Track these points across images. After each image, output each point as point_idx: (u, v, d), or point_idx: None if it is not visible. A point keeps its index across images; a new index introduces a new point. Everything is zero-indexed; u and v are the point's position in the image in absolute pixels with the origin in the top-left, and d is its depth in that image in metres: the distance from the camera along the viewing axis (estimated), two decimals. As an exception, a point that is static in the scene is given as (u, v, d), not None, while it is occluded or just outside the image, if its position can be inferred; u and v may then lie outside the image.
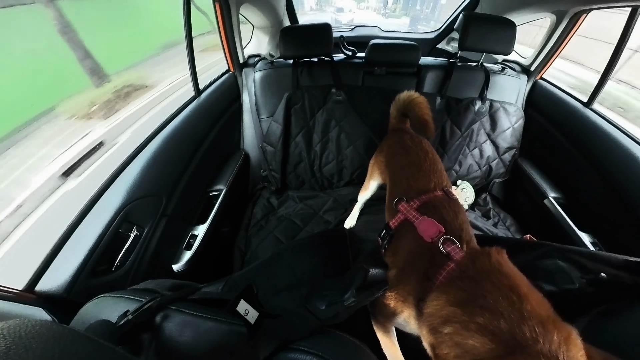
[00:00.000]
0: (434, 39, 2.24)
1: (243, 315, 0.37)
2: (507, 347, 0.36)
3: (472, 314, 0.40)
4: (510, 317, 0.38)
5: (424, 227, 0.58)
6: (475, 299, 0.42)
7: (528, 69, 1.44)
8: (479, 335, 0.38)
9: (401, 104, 1.06)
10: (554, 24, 1.28)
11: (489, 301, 0.41)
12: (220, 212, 1.10)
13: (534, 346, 0.34)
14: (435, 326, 0.44)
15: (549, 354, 0.33)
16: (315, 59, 1.37)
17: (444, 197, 0.67)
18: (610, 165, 1.01)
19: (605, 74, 1.13)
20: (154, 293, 0.45)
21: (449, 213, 0.62)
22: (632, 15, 1.01)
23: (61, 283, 0.59)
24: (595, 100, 1.18)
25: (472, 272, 0.46)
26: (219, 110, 1.29)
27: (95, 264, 0.65)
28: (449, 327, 0.42)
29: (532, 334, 0.35)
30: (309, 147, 1.45)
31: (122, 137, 1.17)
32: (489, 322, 0.38)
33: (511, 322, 0.37)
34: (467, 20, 1.19)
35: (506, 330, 0.37)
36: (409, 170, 0.79)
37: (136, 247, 0.75)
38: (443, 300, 0.45)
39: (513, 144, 1.42)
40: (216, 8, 1.21)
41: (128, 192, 0.75)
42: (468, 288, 0.44)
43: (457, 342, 0.40)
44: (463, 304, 0.43)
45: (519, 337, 0.36)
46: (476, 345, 0.38)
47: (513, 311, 0.38)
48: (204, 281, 0.61)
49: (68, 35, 1.15)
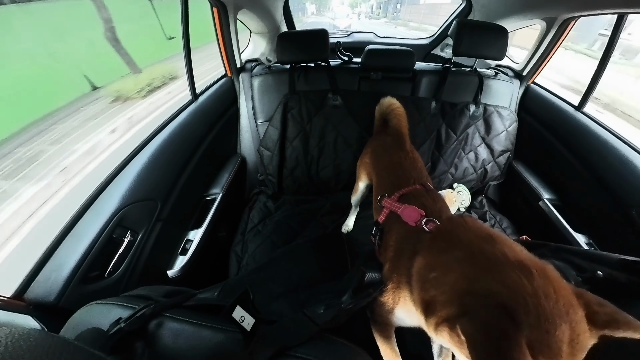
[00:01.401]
0: (428, 45, 2.28)
1: (239, 322, 0.36)
2: (483, 273, 0.39)
3: (450, 254, 0.45)
4: (483, 250, 0.42)
5: (407, 213, 0.62)
6: (452, 245, 0.47)
7: (520, 74, 1.47)
8: (457, 268, 0.42)
9: (383, 109, 1.09)
10: (544, 31, 1.31)
11: (464, 244, 0.45)
12: (216, 217, 1.09)
13: (506, 268, 0.38)
14: (422, 279, 0.47)
15: (519, 272, 0.37)
16: (312, 64, 1.39)
17: (422, 190, 0.72)
18: (601, 166, 1.03)
19: (594, 78, 1.16)
20: (147, 300, 0.43)
21: (428, 200, 0.67)
22: (618, 21, 1.04)
23: (52, 290, 0.57)
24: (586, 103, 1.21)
25: (448, 228, 0.52)
26: (215, 114, 1.29)
27: (88, 270, 0.63)
28: (433, 272, 0.46)
29: (505, 260, 0.40)
30: (306, 151, 1.45)
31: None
32: (464, 257, 0.43)
33: (485, 254, 0.42)
34: (461, 27, 1.22)
35: (480, 259, 0.41)
36: (391, 170, 0.83)
37: (130, 252, 0.74)
38: (426, 255, 0.50)
39: (507, 147, 1.44)
40: (214, 13, 1.22)
41: (123, 196, 0.74)
42: (445, 240, 0.50)
43: (440, 281, 0.43)
44: (443, 252, 0.47)
45: (493, 260, 0.40)
46: (456, 277, 0.41)
47: (488, 247, 0.43)
48: (199, 287, 0.60)
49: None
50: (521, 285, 0.35)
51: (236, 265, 1.17)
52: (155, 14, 6.03)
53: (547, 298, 0.34)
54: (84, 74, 4.42)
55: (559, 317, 0.33)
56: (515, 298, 0.34)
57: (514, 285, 0.36)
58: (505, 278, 0.37)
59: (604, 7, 1.00)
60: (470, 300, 0.37)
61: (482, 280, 0.38)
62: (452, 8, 2.15)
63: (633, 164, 0.95)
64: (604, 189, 1.00)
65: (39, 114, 3.30)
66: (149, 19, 6.03)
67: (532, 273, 0.36)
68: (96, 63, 4.79)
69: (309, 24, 19.65)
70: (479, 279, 0.39)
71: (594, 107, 1.44)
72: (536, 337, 0.31)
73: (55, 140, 2.89)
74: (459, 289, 0.40)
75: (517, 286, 0.35)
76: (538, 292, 0.34)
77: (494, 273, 0.38)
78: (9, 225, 1.27)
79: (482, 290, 0.37)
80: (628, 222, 0.90)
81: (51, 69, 4.41)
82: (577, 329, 0.33)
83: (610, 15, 1.05)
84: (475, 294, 0.37)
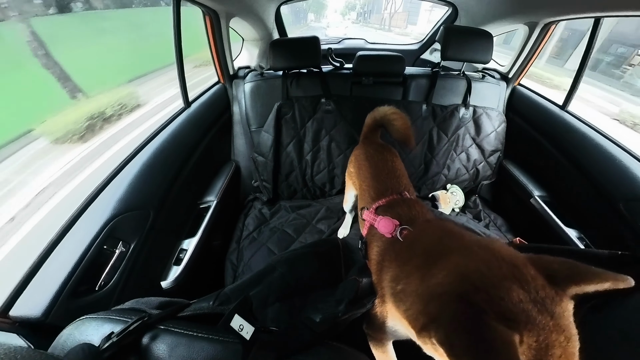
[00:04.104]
0: (417, 50, 2.34)
1: (238, 330, 0.35)
2: (435, 272, 0.39)
3: (410, 262, 0.45)
4: (434, 250, 0.43)
5: (382, 225, 0.61)
6: (413, 252, 0.47)
7: (506, 76, 1.52)
8: (416, 275, 0.42)
9: (380, 116, 1.05)
10: (527, 34, 1.36)
11: (422, 248, 0.46)
12: (210, 225, 1.08)
13: (451, 258, 0.39)
14: (392, 291, 0.47)
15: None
16: (305, 70, 1.40)
17: (398, 199, 0.71)
18: (588, 162, 1.07)
19: (576, 78, 1.21)
20: (140, 312, 0.42)
21: (403, 209, 0.66)
22: (595, 24, 1.10)
23: (39, 305, 0.55)
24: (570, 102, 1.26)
25: (415, 236, 0.52)
26: (209, 121, 1.28)
27: (77, 284, 0.61)
28: (399, 284, 0.45)
29: (449, 250, 0.41)
30: (300, 157, 1.45)
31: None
32: (421, 262, 0.43)
33: (434, 253, 0.42)
34: (448, 32, 1.25)
35: (432, 260, 0.41)
36: (370, 180, 0.83)
37: (122, 264, 0.72)
38: (393, 267, 0.49)
39: (497, 146, 1.47)
40: (206, 21, 1.23)
41: (114, 206, 0.72)
42: (409, 248, 0.49)
43: (407, 292, 0.43)
44: (406, 261, 0.47)
45: (440, 256, 0.41)
46: (416, 285, 0.41)
47: (438, 246, 0.43)
48: (194, 298, 0.59)
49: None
50: (464, 266, 0.36)
51: (232, 274, 1.14)
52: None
53: (489, 268, 0.34)
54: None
55: (507, 279, 0.32)
56: (463, 282, 0.34)
57: (459, 270, 0.36)
58: (451, 267, 0.37)
59: (581, 11, 1.05)
60: (433, 306, 0.36)
61: (434, 279, 0.38)
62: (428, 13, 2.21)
63: (617, 159, 0.99)
64: (592, 184, 1.03)
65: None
66: (140, 30, 5.60)
67: (472, 250, 0.38)
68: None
69: (311, 28, 24.82)
70: (432, 280, 0.38)
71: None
72: (496, 308, 0.30)
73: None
74: (423, 295, 0.39)
75: (461, 269, 0.36)
76: (479, 266, 0.35)
77: (442, 268, 0.38)
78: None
79: (438, 289, 0.37)
80: (616, 215, 0.92)
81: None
82: (532, 286, 0.32)
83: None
84: (435, 296, 0.37)
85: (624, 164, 0.96)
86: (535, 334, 0.28)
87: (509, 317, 0.30)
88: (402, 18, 22.68)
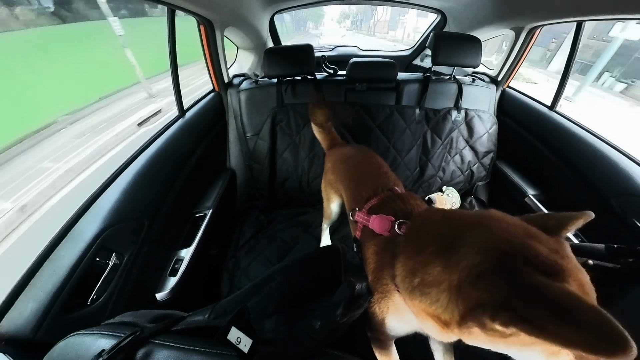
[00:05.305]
0: (409, 56, 2.39)
1: (235, 343, 0.34)
2: (461, 250, 0.37)
3: (425, 252, 0.42)
4: (447, 232, 0.41)
5: (377, 224, 0.59)
6: (424, 241, 0.44)
7: (496, 79, 1.56)
8: (437, 263, 0.39)
9: (310, 117, 1.11)
10: (513, 39, 1.41)
11: (433, 235, 0.43)
12: (206, 234, 1.06)
13: (469, 234, 0.38)
14: (410, 287, 0.43)
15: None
16: (299, 77, 1.42)
17: (390, 195, 0.70)
18: (578, 160, 1.09)
19: (562, 80, 1.25)
20: (133, 327, 0.41)
21: (397, 204, 0.65)
22: (577, 28, 1.15)
23: (27, 322, 0.53)
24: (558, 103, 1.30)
25: (418, 226, 0.50)
26: (204, 129, 1.28)
27: (68, 298, 0.59)
28: (417, 277, 0.41)
29: (465, 229, 0.39)
30: (296, 163, 1.45)
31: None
32: (438, 249, 0.40)
33: (450, 235, 0.40)
34: (438, 38, 1.29)
35: (448, 242, 0.39)
36: (356, 181, 0.82)
37: (115, 276, 0.70)
38: (404, 262, 0.46)
39: (490, 148, 1.50)
40: (201, 30, 1.24)
41: (107, 217, 0.70)
42: (418, 238, 0.47)
43: (430, 284, 0.39)
44: (418, 252, 0.44)
45: (457, 237, 0.39)
46: (439, 272, 0.38)
47: (447, 228, 0.42)
48: (190, 309, 0.57)
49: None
50: (488, 239, 0.35)
51: (228, 283, 1.12)
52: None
53: (509, 233, 0.35)
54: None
55: (528, 239, 0.34)
56: (497, 253, 0.33)
57: (486, 244, 0.35)
58: (476, 244, 0.35)
59: (564, 16, 1.09)
60: (478, 288, 0.33)
61: (464, 261, 0.35)
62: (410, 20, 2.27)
63: (606, 155, 1.01)
64: (583, 181, 1.05)
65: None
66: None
67: (484, 223, 0.38)
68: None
69: (311, 35, 27.16)
70: (461, 263, 0.36)
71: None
72: (540, 267, 0.31)
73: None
74: (454, 281, 0.36)
75: (487, 242, 0.35)
76: (501, 234, 0.35)
77: (466, 248, 0.36)
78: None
79: (474, 270, 0.34)
80: (609, 210, 0.94)
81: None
82: (544, 239, 0.34)
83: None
84: (474, 278, 0.34)
85: (613, 161, 0.98)
86: (572, 278, 0.30)
87: (551, 272, 0.30)
88: (384, 25, 29.41)
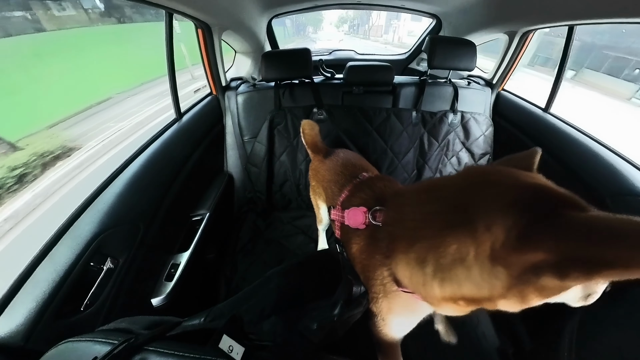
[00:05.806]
0: (405, 60, 2.42)
1: (227, 352, 0.33)
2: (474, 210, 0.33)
3: (427, 232, 0.37)
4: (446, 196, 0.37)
5: (351, 219, 0.54)
6: (420, 219, 0.39)
7: (491, 82, 1.58)
8: (449, 240, 0.34)
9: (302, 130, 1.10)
10: (507, 43, 1.43)
11: (423, 211, 0.39)
12: (203, 238, 1.05)
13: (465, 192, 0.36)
14: (420, 278, 0.38)
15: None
16: (297, 81, 1.42)
17: (357, 184, 0.67)
18: (573, 161, 1.10)
19: (555, 83, 1.27)
20: (127, 333, 0.40)
21: (365, 192, 0.60)
22: (569, 32, 1.17)
23: (18, 329, 0.51)
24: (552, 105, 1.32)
25: (397, 209, 0.44)
26: (201, 132, 1.28)
27: (61, 304, 0.58)
28: (426, 266, 0.36)
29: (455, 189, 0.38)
30: (294, 166, 1.45)
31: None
32: (440, 225, 0.36)
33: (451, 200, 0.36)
34: (433, 42, 1.31)
35: (452, 210, 0.35)
36: (330, 182, 0.82)
37: (110, 281, 0.69)
38: (401, 252, 0.40)
39: (486, 149, 1.51)
40: (199, 34, 1.25)
41: (102, 221, 0.70)
42: (405, 224, 0.41)
43: (444, 268, 0.34)
44: (417, 239, 0.38)
45: (458, 199, 0.36)
46: (452, 255, 0.33)
47: (438, 191, 0.39)
48: (187, 314, 0.56)
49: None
50: (500, 196, 0.32)
51: (225, 288, 1.11)
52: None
53: (514, 178, 0.34)
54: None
55: (532, 180, 0.34)
56: (525, 209, 0.29)
57: (501, 203, 0.31)
58: (490, 207, 0.31)
59: (556, 20, 1.11)
60: (515, 254, 0.28)
61: (487, 233, 0.30)
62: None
63: (601, 156, 1.02)
64: (579, 182, 1.06)
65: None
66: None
67: (486, 179, 0.35)
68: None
69: (310, 39, 28.55)
70: (483, 235, 0.30)
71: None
72: (568, 203, 0.32)
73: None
74: (481, 255, 0.31)
75: (502, 200, 0.31)
76: (509, 185, 0.33)
77: (480, 215, 0.32)
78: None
79: (505, 230, 0.29)
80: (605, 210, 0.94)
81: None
82: (537, 177, 0.36)
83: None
84: (510, 247, 0.29)
85: (607, 161, 0.99)
86: (582, 202, 0.32)
87: (579, 206, 0.31)
88: (379, 29, 32.09)
